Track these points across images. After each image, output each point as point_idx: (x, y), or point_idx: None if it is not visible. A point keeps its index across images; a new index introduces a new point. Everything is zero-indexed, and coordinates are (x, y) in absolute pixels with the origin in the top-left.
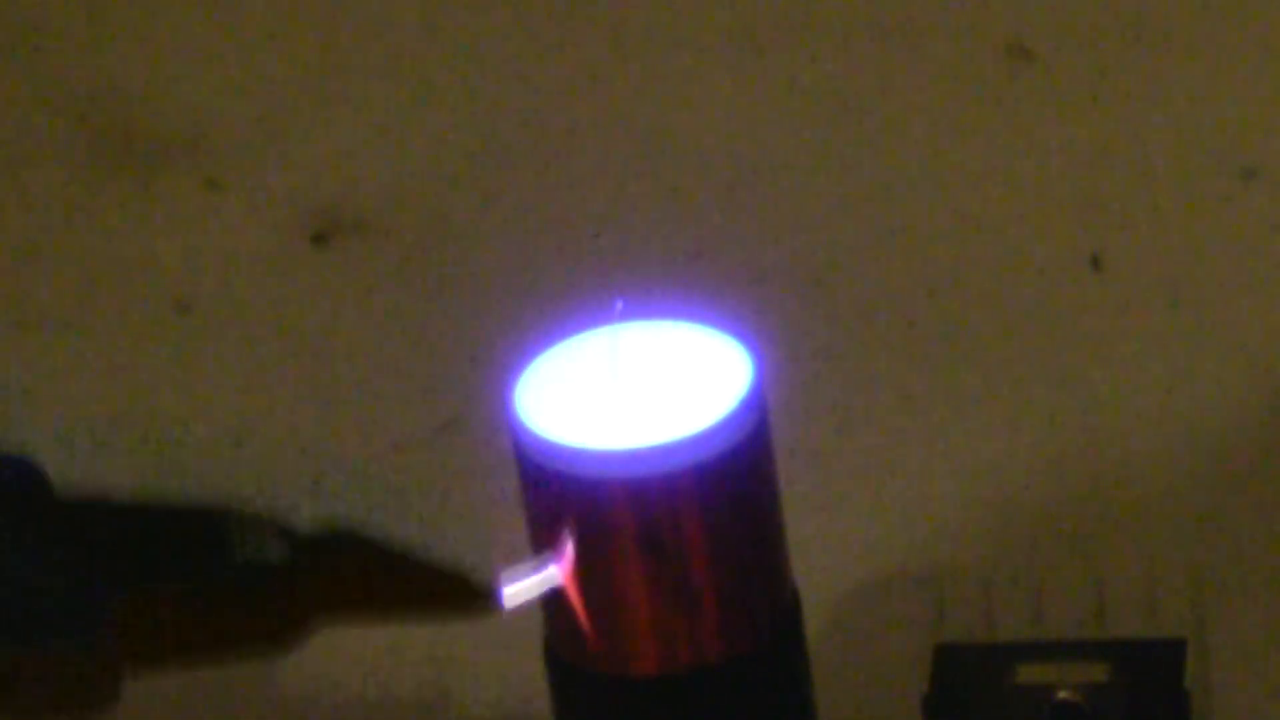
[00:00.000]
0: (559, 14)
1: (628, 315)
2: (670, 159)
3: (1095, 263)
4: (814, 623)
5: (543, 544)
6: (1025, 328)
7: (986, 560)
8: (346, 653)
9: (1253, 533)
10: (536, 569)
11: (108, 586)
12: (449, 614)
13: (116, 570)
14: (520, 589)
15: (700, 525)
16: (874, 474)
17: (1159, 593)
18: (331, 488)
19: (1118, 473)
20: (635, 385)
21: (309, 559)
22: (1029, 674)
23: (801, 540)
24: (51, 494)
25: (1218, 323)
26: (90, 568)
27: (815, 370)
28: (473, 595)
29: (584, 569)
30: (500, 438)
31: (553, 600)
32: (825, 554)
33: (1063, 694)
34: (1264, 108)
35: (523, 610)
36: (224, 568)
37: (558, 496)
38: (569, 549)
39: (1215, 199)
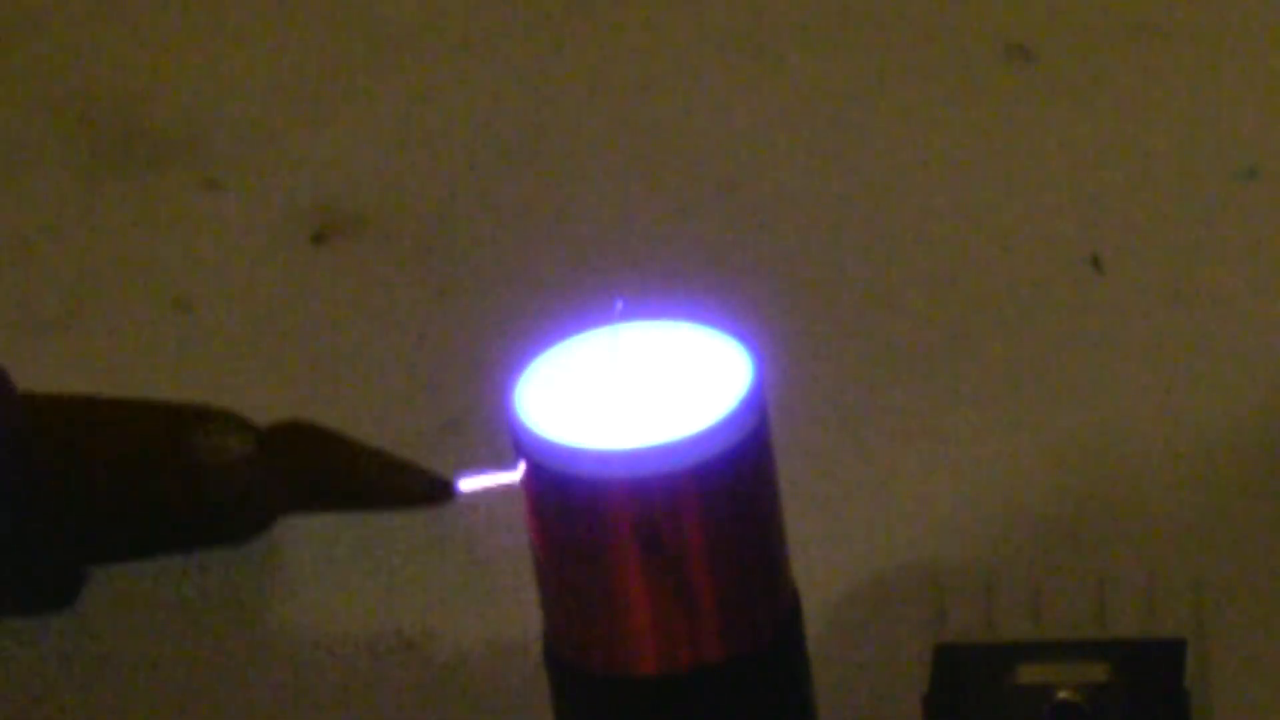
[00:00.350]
0: (559, 14)
1: (628, 315)
2: (670, 159)
3: (1095, 263)
4: (814, 623)
5: (543, 544)
6: (1025, 328)
7: (986, 560)
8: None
9: (1253, 533)
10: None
11: (79, 538)
12: (406, 503)
13: (85, 494)
14: (478, 481)
15: (700, 525)
16: (874, 474)
17: (1159, 593)
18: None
19: (1118, 473)
20: (635, 385)
21: (269, 453)
22: (1029, 674)
23: (801, 540)
24: (10, 390)
25: (1218, 323)
26: (58, 499)
27: (815, 370)
28: (429, 485)
29: (584, 569)
30: (500, 438)
31: (552, 599)
32: (825, 554)
33: (1063, 694)
34: (1264, 108)
35: (477, 500)
36: (186, 464)
37: (558, 496)
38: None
39: (1215, 199)
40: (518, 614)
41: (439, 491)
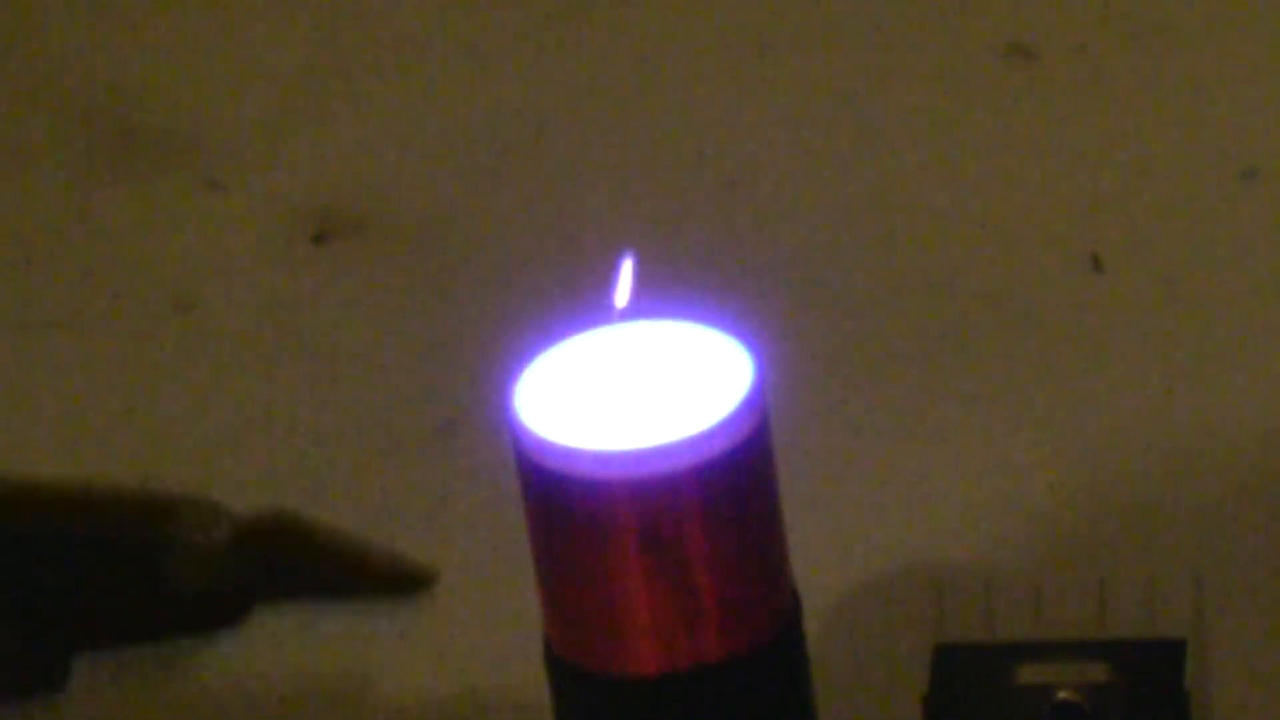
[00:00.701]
0: (559, 14)
1: (628, 315)
2: (671, 159)
3: (1095, 263)
4: (814, 623)
5: (543, 544)
6: (1025, 328)
7: (986, 560)
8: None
9: (1253, 533)
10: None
11: (57, 632)
12: (386, 593)
13: (61, 581)
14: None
15: (700, 525)
16: (874, 474)
17: (1159, 593)
18: (331, 488)
19: (1118, 473)
20: (635, 385)
21: (246, 543)
22: (1029, 674)
23: (801, 540)
24: None
25: (1218, 323)
26: (36, 586)
27: (815, 370)
28: (410, 574)
29: (584, 569)
30: (500, 438)
31: (552, 599)
32: (825, 554)
33: (1063, 694)
34: (1264, 108)
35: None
36: (161, 553)
37: (558, 496)
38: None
39: (1215, 199)
40: (517, 614)
41: (420, 580)
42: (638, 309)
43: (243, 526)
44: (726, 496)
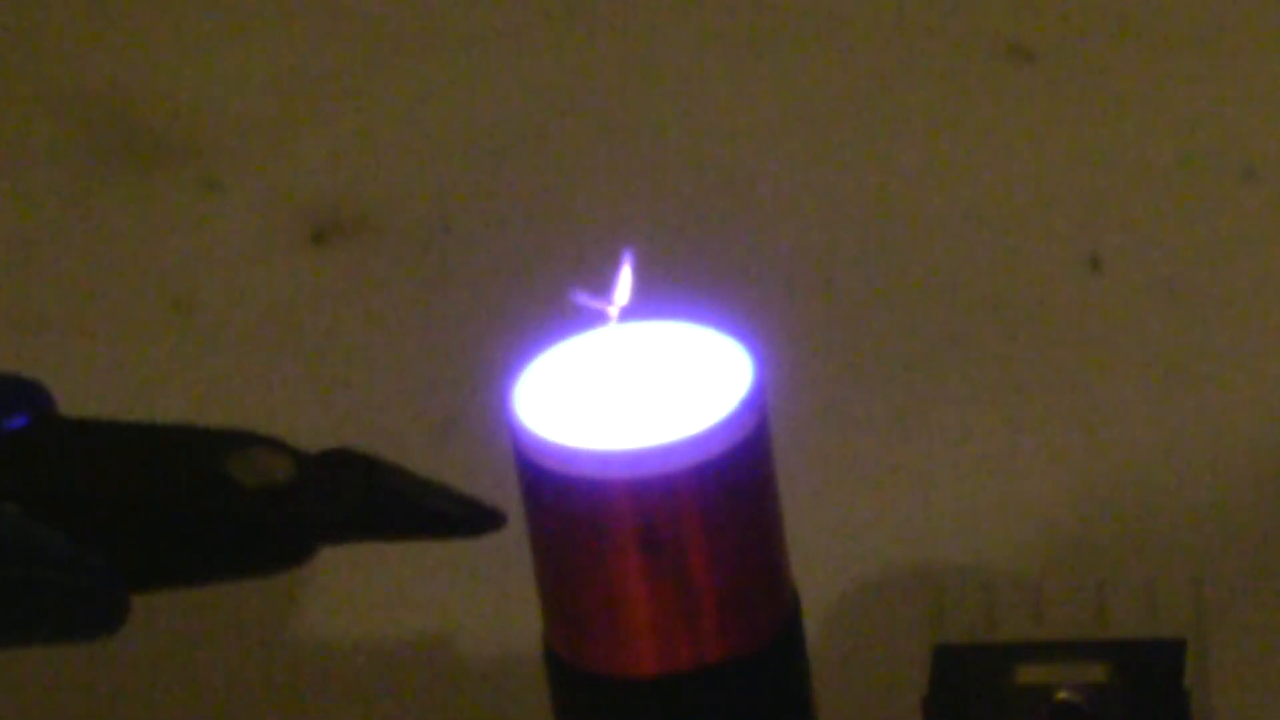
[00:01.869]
0: (559, 14)
1: (628, 315)
2: (670, 159)
3: (1095, 263)
4: (814, 623)
5: (543, 544)
6: (1025, 328)
7: (986, 560)
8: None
9: (1253, 533)
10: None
11: (117, 561)
12: (452, 533)
13: (123, 520)
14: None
15: (700, 525)
16: (874, 474)
17: (1159, 593)
18: None
19: (1118, 473)
20: (635, 385)
21: (312, 480)
22: (1029, 674)
23: (801, 540)
24: (55, 416)
25: (1218, 323)
26: (97, 524)
27: (815, 370)
28: (478, 514)
29: (584, 569)
30: (500, 438)
31: (552, 599)
32: (825, 554)
33: (1063, 694)
34: (1264, 108)
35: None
36: (226, 494)
37: (558, 496)
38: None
39: (1215, 199)
40: (518, 613)
41: (487, 521)
42: (638, 309)
43: (308, 464)
44: (726, 496)
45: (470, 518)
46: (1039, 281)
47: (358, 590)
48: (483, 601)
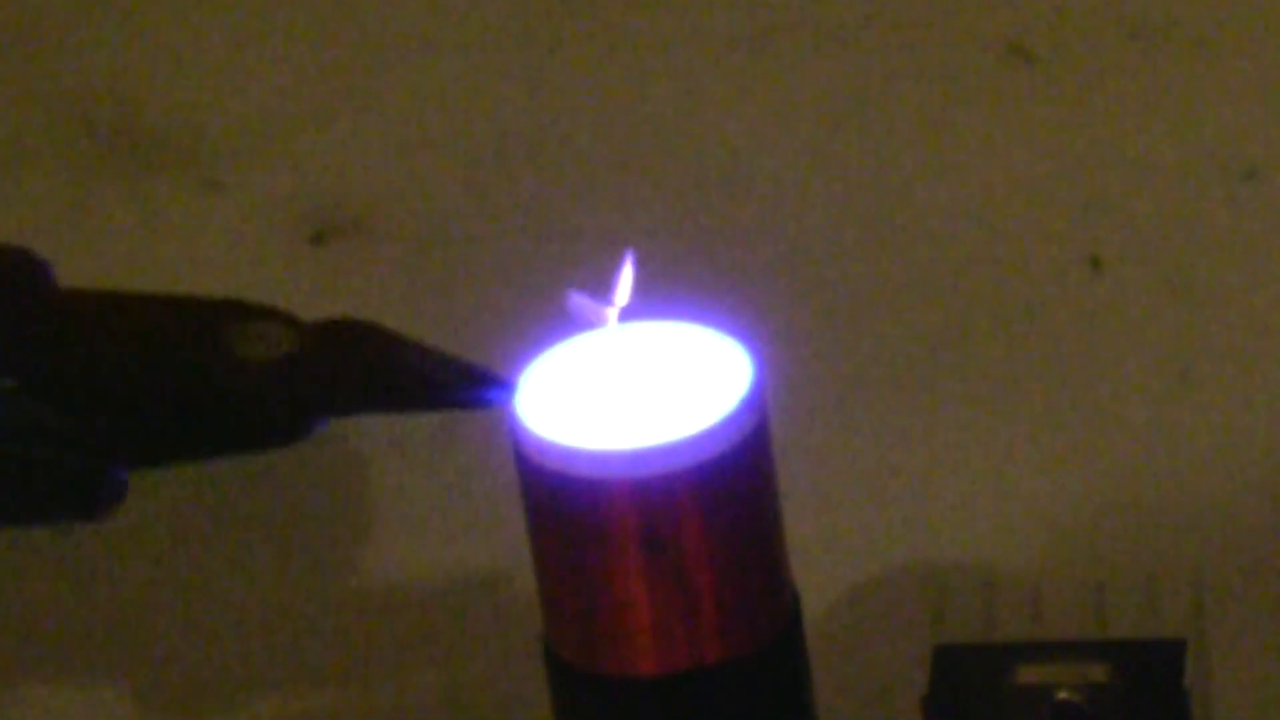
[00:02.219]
0: (559, 14)
1: (628, 315)
2: (670, 159)
3: (1095, 263)
4: (814, 623)
5: (543, 544)
6: (1025, 328)
7: (986, 560)
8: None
9: (1253, 533)
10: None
11: (116, 434)
12: (458, 404)
13: (120, 392)
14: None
15: (700, 525)
16: (874, 474)
17: (1159, 593)
18: (331, 487)
19: (1118, 472)
20: (635, 385)
21: (313, 351)
22: (1029, 674)
23: (801, 540)
24: (52, 287)
25: (1217, 323)
26: (92, 396)
27: (815, 370)
28: (484, 382)
29: (584, 569)
30: (500, 438)
31: (552, 599)
32: (825, 554)
33: (1063, 694)
34: (1264, 108)
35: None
36: (227, 365)
37: (558, 496)
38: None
39: (1215, 199)
40: (518, 613)
41: (491, 389)
42: (638, 309)
43: (309, 336)
44: (726, 496)
45: (473, 387)
46: (1039, 281)
47: (357, 590)
48: (483, 601)
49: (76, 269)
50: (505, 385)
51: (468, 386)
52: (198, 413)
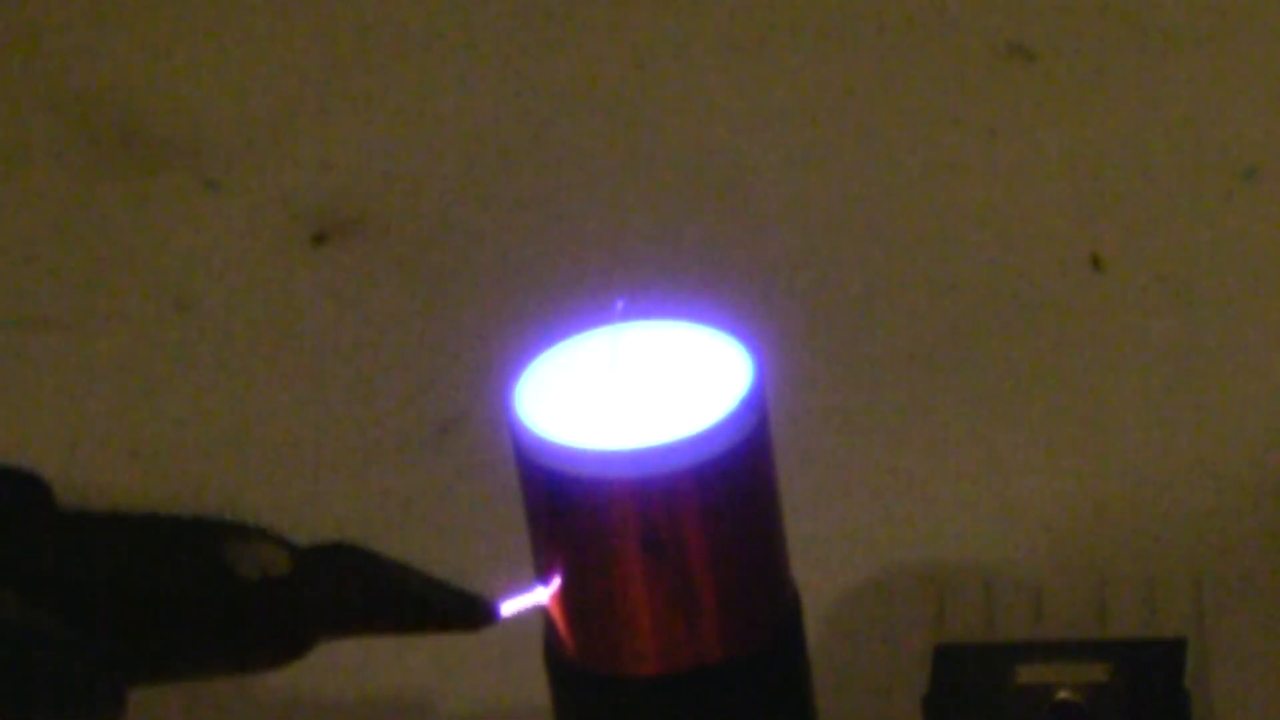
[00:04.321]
0: (559, 14)
1: (628, 315)
2: (670, 159)
3: (1095, 263)
4: (814, 623)
5: (543, 544)
6: (1025, 328)
7: (986, 560)
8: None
9: (1253, 533)
10: (529, 589)
11: (115, 653)
12: (449, 628)
13: (118, 611)
14: (516, 604)
15: (700, 525)
16: (874, 474)
17: (1159, 593)
18: (331, 488)
19: (1118, 473)
20: (635, 385)
21: (309, 574)
22: (1029, 674)
23: (801, 540)
24: (54, 508)
25: (1218, 322)
26: (91, 615)
27: (815, 370)
28: (472, 608)
29: (584, 569)
30: (500, 438)
31: (553, 598)
32: (825, 554)
33: (1063, 694)
34: (1264, 108)
35: (518, 619)
36: (225, 585)
37: (558, 496)
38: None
39: (1215, 199)
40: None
41: (481, 615)
42: (638, 309)
43: (303, 558)
44: (726, 496)
45: (467, 613)
46: (1039, 281)
47: None
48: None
49: (76, 269)
50: (493, 609)
51: (458, 613)
52: (197, 631)
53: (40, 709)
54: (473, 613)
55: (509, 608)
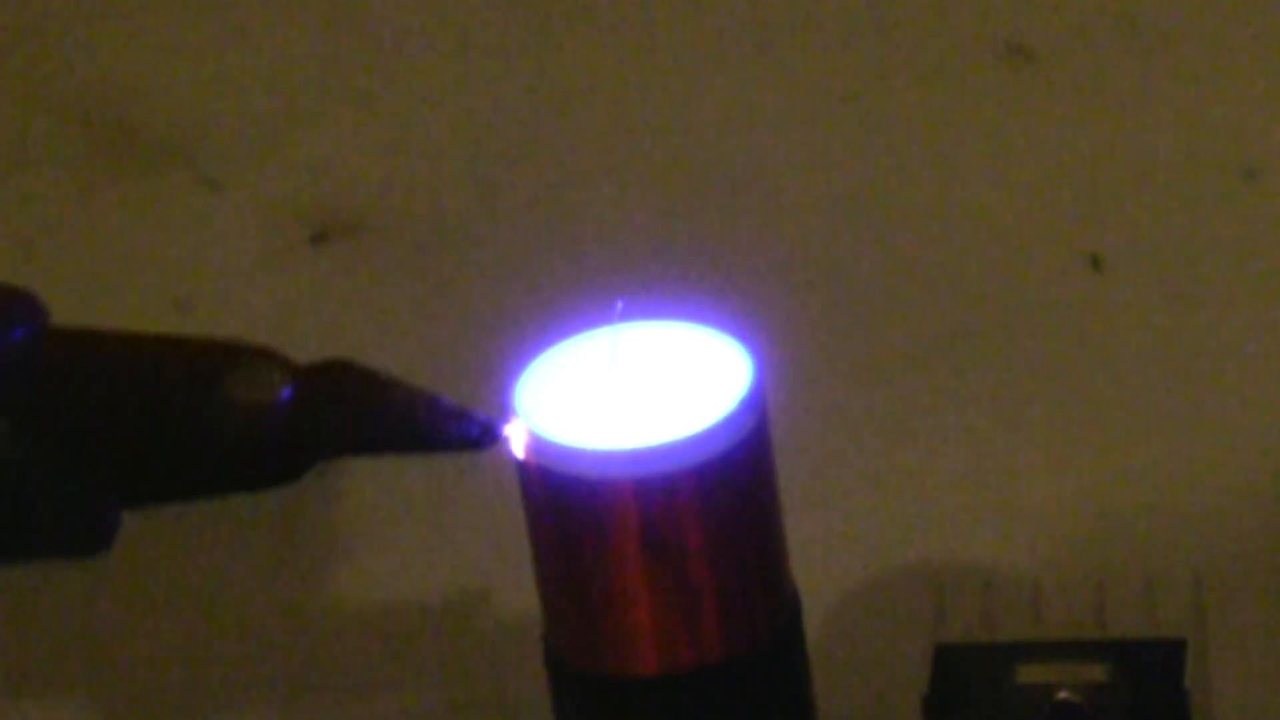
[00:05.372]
0: (559, 14)
1: (628, 315)
2: (670, 159)
3: (1095, 263)
4: (814, 623)
5: (543, 544)
6: (1025, 328)
7: (986, 560)
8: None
9: (1253, 533)
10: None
11: (111, 479)
12: (451, 447)
13: (116, 433)
14: (518, 427)
15: (700, 525)
16: (874, 474)
17: (1159, 593)
18: (331, 487)
19: (1117, 473)
20: (635, 385)
21: (306, 394)
22: (1029, 674)
23: (801, 540)
24: (48, 326)
25: (1218, 323)
26: (88, 437)
27: (815, 370)
28: (475, 428)
29: (584, 569)
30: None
31: (552, 599)
32: (825, 554)
33: (1063, 694)
34: (1264, 108)
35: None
36: (223, 409)
37: (558, 496)
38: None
39: (1216, 199)
40: (518, 613)
41: (485, 435)
42: (638, 309)
43: (302, 377)
44: (726, 496)
45: (465, 433)
46: (1039, 281)
47: (356, 590)
48: (483, 600)
49: (77, 269)
50: (491, 432)
51: (455, 428)
52: (192, 454)
53: (33, 538)
54: (475, 432)
55: (512, 429)
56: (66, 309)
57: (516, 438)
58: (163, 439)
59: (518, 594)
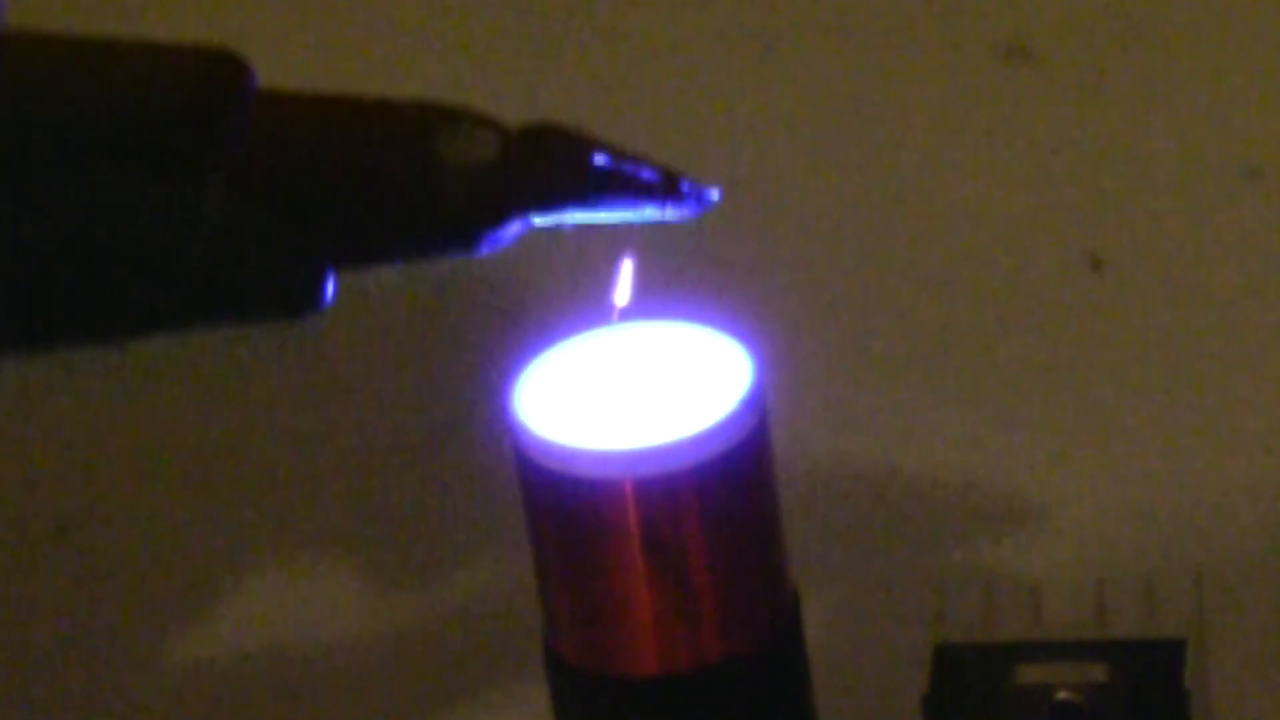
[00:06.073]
0: (559, 14)
1: (628, 315)
2: (670, 159)
3: (1095, 263)
4: (814, 623)
5: (543, 544)
6: (1025, 328)
7: (986, 560)
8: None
9: (1253, 533)
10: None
11: (319, 239)
12: (654, 200)
13: (324, 194)
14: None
15: (700, 525)
16: (874, 474)
17: (1159, 593)
18: (331, 489)
19: (1117, 472)
20: (635, 385)
21: (521, 157)
22: (1029, 674)
23: (801, 540)
24: (255, 86)
25: (1218, 322)
26: (297, 198)
27: (815, 370)
28: (662, 181)
29: (584, 569)
30: (499, 439)
31: (552, 599)
32: (825, 554)
33: (1063, 694)
34: (1264, 108)
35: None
36: (432, 170)
37: (558, 496)
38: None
39: (1216, 199)
40: (518, 613)
41: (691, 195)
42: (638, 309)
43: (515, 140)
44: (726, 496)
45: (674, 192)
46: (1039, 281)
47: (356, 589)
48: (483, 600)
49: None
50: (701, 193)
51: (666, 191)
52: (405, 217)
53: (247, 299)
54: (682, 192)
55: (696, 187)
56: None
57: (705, 199)
58: (373, 199)
59: (518, 594)
